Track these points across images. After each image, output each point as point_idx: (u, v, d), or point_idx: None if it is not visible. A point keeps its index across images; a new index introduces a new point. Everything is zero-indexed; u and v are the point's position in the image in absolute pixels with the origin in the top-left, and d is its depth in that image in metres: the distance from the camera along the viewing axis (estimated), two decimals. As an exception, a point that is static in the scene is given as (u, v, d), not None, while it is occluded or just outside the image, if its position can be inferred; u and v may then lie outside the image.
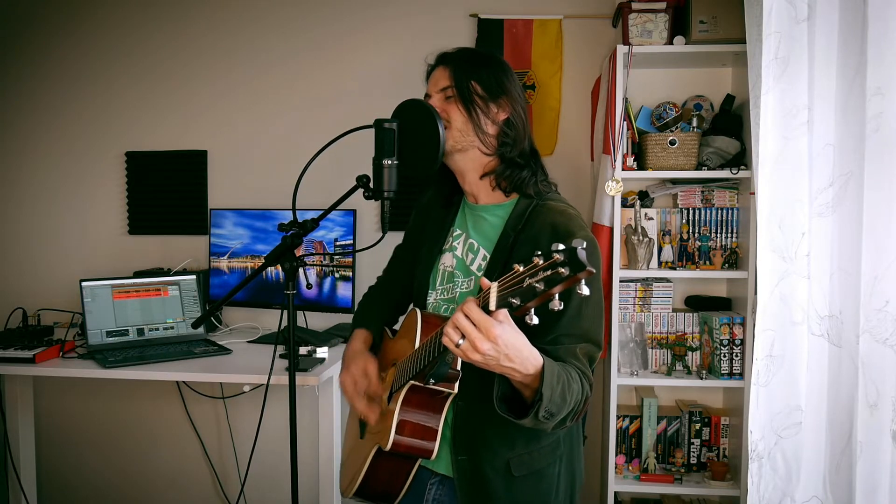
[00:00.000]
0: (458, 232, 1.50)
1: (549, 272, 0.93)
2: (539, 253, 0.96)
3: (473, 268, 1.44)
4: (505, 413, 1.21)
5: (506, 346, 1.08)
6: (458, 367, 1.28)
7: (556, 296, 0.95)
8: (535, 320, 1.00)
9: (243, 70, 2.93)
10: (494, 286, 1.03)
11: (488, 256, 1.41)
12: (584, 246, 0.93)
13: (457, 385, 1.31)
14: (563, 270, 0.92)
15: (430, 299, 1.50)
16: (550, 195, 1.44)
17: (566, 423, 1.26)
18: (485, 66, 1.43)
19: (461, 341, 1.07)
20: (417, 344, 1.34)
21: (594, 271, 0.92)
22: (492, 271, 1.38)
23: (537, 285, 0.95)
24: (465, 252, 1.47)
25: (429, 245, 1.55)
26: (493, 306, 1.03)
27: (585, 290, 0.94)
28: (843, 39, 1.63)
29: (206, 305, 2.72)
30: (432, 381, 1.29)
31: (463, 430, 1.40)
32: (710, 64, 2.59)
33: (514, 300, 0.99)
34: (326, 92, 2.88)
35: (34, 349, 2.33)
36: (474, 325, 1.06)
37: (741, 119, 2.48)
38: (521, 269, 0.98)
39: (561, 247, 0.94)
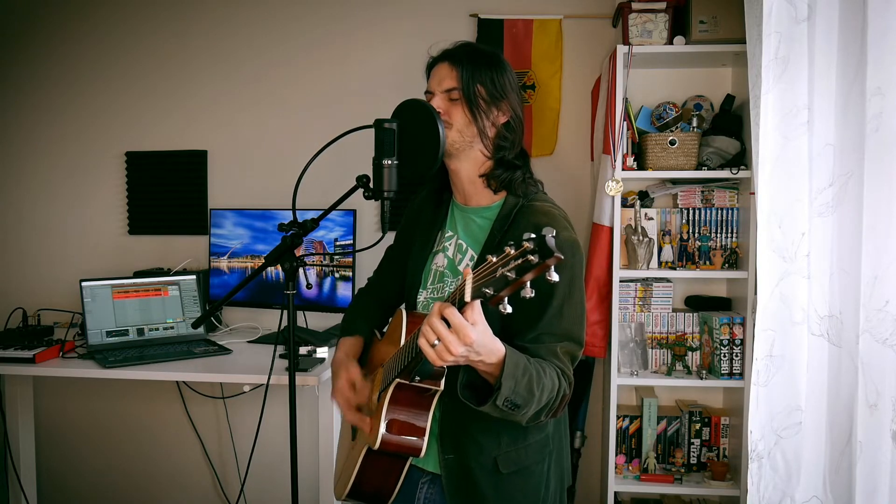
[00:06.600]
0: (450, 233, 1.52)
1: (519, 260, 0.95)
2: (511, 243, 0.98)
3: (461, 267, 1.46)
4: (467, 399, 1.24)
5: (477, 345, 1.12)
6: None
7: (528, 283, 0.97)
8: (509, 309, 1.01)
9: (243, 70, 2.93)
10: (469, 277, 1.05)
11: (475, 256, 1.44)
12: (554, 234, 0.95)
13: (442, 382, 1.33)
14: (532, 258, 0.94)
15: (421, 298, 1.52)
16: (537, 195, 1.46)
17: (540, 417, 1.29)
18: (489, 68, 1.43)
19: (437, 342, 1.10)
20: (402, 342, 1.35)
21: (562, 257, 0.94)
22: None
23: (509, 274, 0.97)
24: (455, 253, 1.49)
25: (420, 245, 1.56)
26: (468, 297, 1.05)
27: (555, 277, 0.95)
28: (843, 39, 1.62)
29: (206, 305, 2.72)
30: (417, 378, 1.31)
31: (449, 428, 1.41)
32: (710, 64, 2.59)
33: (487, 290, 1.01)
34: (327, 92, 2.88)
35: (34, 349, 2.33)
36: (450, 327, 1.09)
37: (741, 119, 2.48)
38: (494, 259, 1.00)
39: (532, 235, 0.96)
